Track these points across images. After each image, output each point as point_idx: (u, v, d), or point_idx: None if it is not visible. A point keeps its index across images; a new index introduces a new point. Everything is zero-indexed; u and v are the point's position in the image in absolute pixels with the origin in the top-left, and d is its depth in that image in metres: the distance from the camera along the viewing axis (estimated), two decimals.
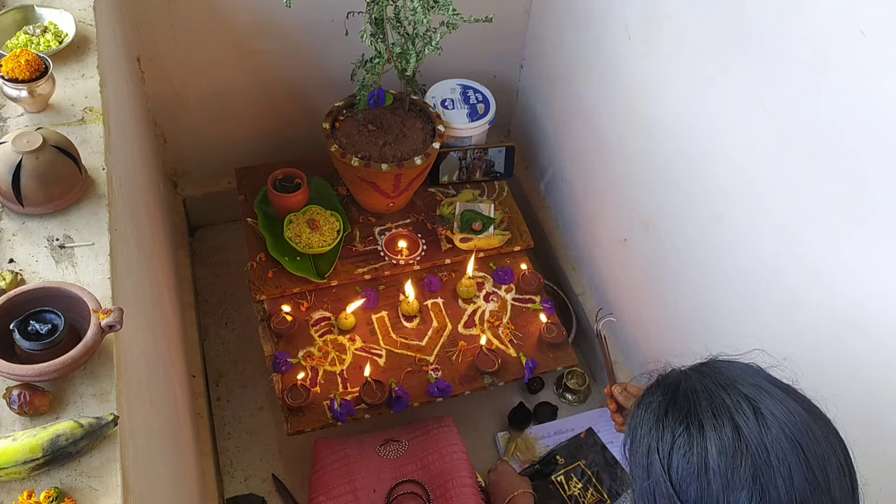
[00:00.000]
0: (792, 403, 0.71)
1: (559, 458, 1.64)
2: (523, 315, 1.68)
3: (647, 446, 0.74)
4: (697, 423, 0.71)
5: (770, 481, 0.67)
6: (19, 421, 0.80)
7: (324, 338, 1.59)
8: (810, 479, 0.67)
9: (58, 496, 0.74)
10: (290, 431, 1.47)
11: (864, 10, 0.91)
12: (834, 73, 0.98)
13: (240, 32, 1.69)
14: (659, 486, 0.71)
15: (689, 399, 0.73)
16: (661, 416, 0.74)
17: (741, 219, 1.23)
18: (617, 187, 1.63)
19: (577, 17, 1.66)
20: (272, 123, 1.91)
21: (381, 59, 1.51)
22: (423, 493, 1.50)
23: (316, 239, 1.63)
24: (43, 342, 0.81)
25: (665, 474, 0.71)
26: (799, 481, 0.67)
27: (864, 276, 1.00)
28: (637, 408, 0.78)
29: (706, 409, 0.71)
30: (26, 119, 1.07)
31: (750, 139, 1.17)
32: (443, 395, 1.54)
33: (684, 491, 0.69)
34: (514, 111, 2.10)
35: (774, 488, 0.67)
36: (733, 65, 1.18)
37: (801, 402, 0.73)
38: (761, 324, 1.23)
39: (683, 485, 0.69)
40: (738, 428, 0.69)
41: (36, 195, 0.95)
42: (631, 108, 1.51)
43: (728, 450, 0.68)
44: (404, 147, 1.65)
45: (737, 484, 0.67)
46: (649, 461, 0.73)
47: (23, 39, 1.15)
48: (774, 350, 0.82)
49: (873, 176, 0.95)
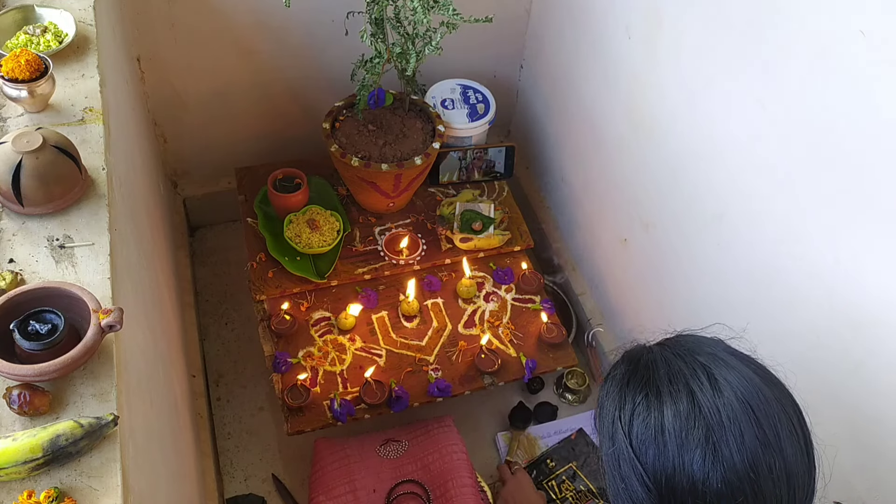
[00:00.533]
0: (745, 370, 0.75)
1: (550, 461, 1.64)
2: (523, 315, 1.68)
3: (612, 416, 0.78)
4: (655, 389, 0.75)
5: (722, 440, 0.70)
6: (19, 421, 0.80)
7: (324, 338, 1.59)
8: (761, 437, 0.70)
9: (58, 496, 0.74)
10: (290, 431, 1.47)
11: (864, 10, 0.91)
12: (834, 73, 0.98)
13: (240, 32, 1.69)
14: (622, 452, 0.75)
15: (649, 369, 0.77)
16: (623, 386, 0.78)
17: (741, 219, 1.23)
18: (617, 187, 1.63)
19: (577, 17, 1.66)
20: (272, 123, 1.91)
21: (381, 59, 1.52)
22: (423, 493, 1.50)
23: (316, 239, 1.63)
24: (43, 342, 0.81)
25: (626, 439, 0.75)
26: (750, 440, 0.70)
27: (864, 276, 1.00)
28: (604, 382, 0.82)
29: (663, 377, 0.75)
30: (26, 119, 1.07)
31: (750, 139, 1.17)
32: (443, 395, 1.54)
33: (644, 453, 0.73)
34: (514, 111, 2.10)
35: (727, 446, 0.70)
36: (733, 65, 1.18)
37: (755, 369, 0.76)
38: (761, 323, 1.23)
39: (643, 447, 0.73)
40: (692, 393, 0.73)
41: (36, 195, 0.95)
42: (631, 108, 1.51)
43: (682, 412, 0.72)
44: (404, 147, 1.65)
45: (691, 444, 0.71)
46: (613, 429, 0.77)
47: (23, 39, 1.15)
48: (776, 350, 0.82)
49: (873, 176, 0.95)
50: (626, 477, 0.75)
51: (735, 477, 0.69)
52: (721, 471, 0.70)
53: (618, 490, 0.77)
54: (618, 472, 0.76)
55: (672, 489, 0.71)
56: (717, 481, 0.70)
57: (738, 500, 0.70)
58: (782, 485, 0.70)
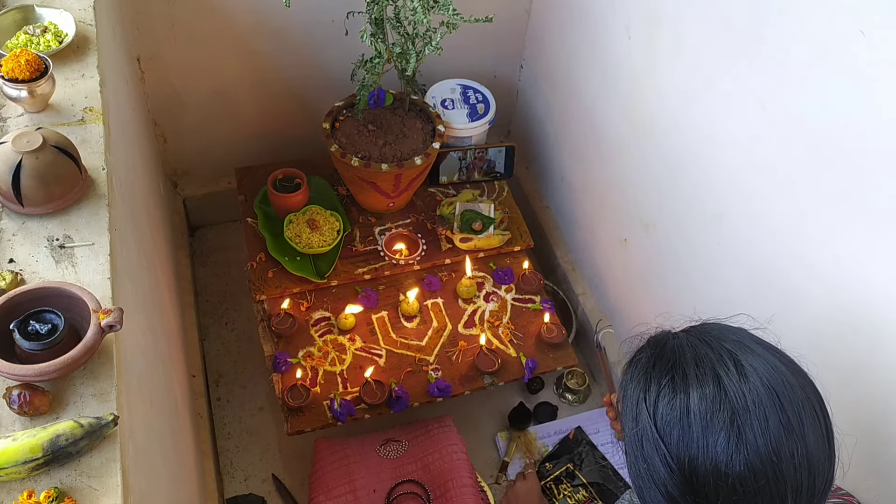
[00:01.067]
0: (771, 358, 0.76)
1: (548, 464, 1.64)
2: (523, 315, 1.68)
3: (637, 397, 0.78)
4: (682, 373, 0.76)
5: (746, 423, 0.71)
6: (19, 421, 0.80)
7: (324, 338, 1.59)
8: (785, 423, 0.71)
9: (58, 496, 0.74)
10: (290, 431, 1.47)
11: (864, 10, 0.91)
12: (834, 73, 0.98)
13: (240, 32, 1.69)
14: (646, 433, 0.76)
15: (675, 353, 0.78)
16: (648, 370, 0.79)
17: (741, 219, 1.23)
18: (617, 187, 1.63)
19: (577, 17, 1.66)
20: (272, 123, 1.91)
21: (381, 59, 1.52)
22: (423, 493, 1.50)
23: (316, 239, 1.63)
24: (43, 342, 0.81)
25: (651, 420, 0.75)
26: (774, 425, 0.71)
27: (864, 276, 1.00)
28: (628, 365, 0.83)
29: (690, 362, 0.76)
30: (26, 119, 1.07)
31: (750, 139, 1.17)
32: (443, 395, 1.54)
33: (668, 434, 0.74)
34: (514, 111, 2.10)
35: (751, 430, 0.71)
36: (733, 65, 1.18)
37: (780, 357, 0.77)
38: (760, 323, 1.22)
39: (667, 428, 0.74)
40: (718, 377, 0.74)
41: (36, 195, 0.95)
42: (631, 108, 1.51)
43: (708, 395, 0.73)
44: (404, 147, 1.65)
45: (716, 426, 0.72)
46: (637, 410, 0.78)
47: (23, 39, 1.15)
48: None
49: (873, 176, 0.95)
50: (649, 457, 0.76)
51: (758, 460, 0.70)
52: (744, 454, 0.70)
53: (639, 470, 0.78)
54: (640, 453, 0.77)
55: (695, 470, 0.72)
56: (740, 464, 0.70)
57: (759, 483, 0.70)
58: (803, 470, 0.71)
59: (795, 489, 0.71)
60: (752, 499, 0.71)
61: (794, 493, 0.71)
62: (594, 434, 1.70)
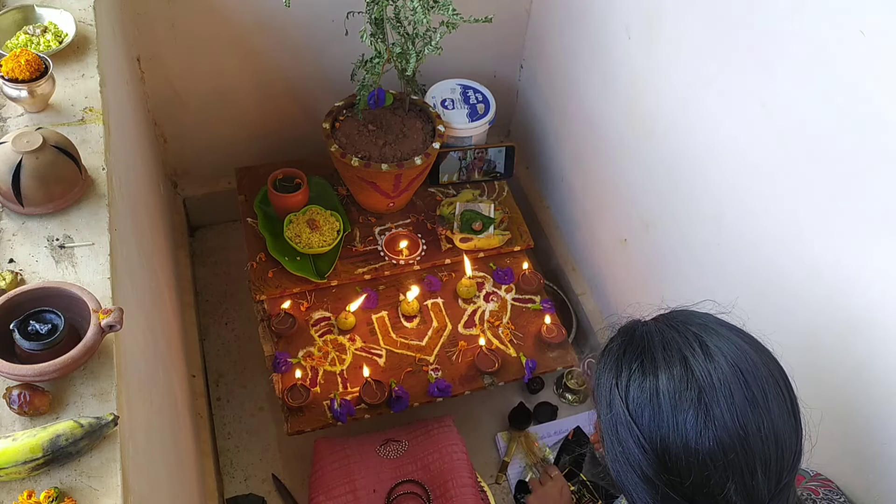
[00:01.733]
0: (735, 338, 0.79)
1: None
2: (523, 315, 1.68)
3: (609, 383, 0.81)
4: (650, 356, 0.79)
5: (713, 400, 0.74)
6: (19, 421, 0.80)
7: (324, 338, 1.59)
8: (749, 398, 0.74)
9: (58, 496, 0.74)
10: (290, 431, 1.47)
11: (864, 10, 0.91)
12: (834, 72, 0.98)
13: (240, 32, 1.69)
14: (619, 416, 0.79)
15: (643, 339, 0.81)
16: (619, 357, 0.82)
17: (741, 219, 1.23)
18: (617, 187, 1.63)
19: (577, 17, 1.66)
20: (272, 123, 1.91)
21: (381, 59, 1.52)
22: (423, 493, 1.50)
23: (316, 239, 1.63)
24: (43, 342, 0.81)
25: (623, 404, 0.78)
26: (739, 400, 0.74)
27: (864, 276, 1.00)
28: (601, 355, 0.86)
29: (657, 345, 0.79)
30: (26, 119, 1.07)
31: (750, 139, 1.17)
32: (443, 395, 1.54)
33: (639, 416, 0.77)
34: (514, 111, 2.10)
35: (717, 406, 0.74)
36: (733, 65, 1.18)
37: (744, 337, 0.80)
38: (760, 323, 1.22)
39: (639, 410, 0.77)
40: (685, 359, 0.77)
41: (36, 195, 0.95)
42: (631, 108, 1.51)
43: (676, 376, 0.76)
44: (404, 147, 1.65)
45: (684, 404, 0.75)
46: (611, 396, 0.80)
47: (23, 39, 1.15)
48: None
49: (874, 176, 0.95)
50: (624, 440, 0.78)
51: (726, 435, 0.73)
52: (712, 429, 0.73)
53: (615, 454, 0.80)
54: (615, 437, 0.80)
55: (666, 449, 0.75)
56: (710, 440, 0.73)
57: (728, 457, 0.73)
58: (770, 443, 0.74)
59: (764, 462, 0.74)
60: (723, 473, 0.73)
61: (763, 465, 0.74)
62: (592, 433, 1.70)
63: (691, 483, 0.74)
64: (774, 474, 0.74)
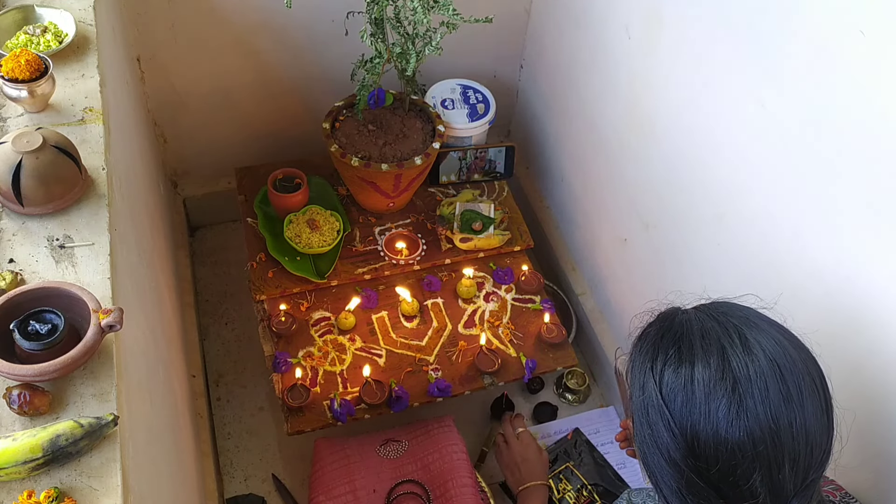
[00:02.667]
0: (776, 334, 0.79)
1: None
2: (523, 315, 1.68)
3: (644, 367, 0.81)
4: (688, 344, 0.79)
5: (748, 392, 0.74)
6: (19, 421, 0.80)
7: (324, 338, 1.59)
8: (784, 393, 0.74)
9: (58, 496, 0.74)
10: (290, 431, 1.47)
11: (864, 10, 0.91)
12: (834, 72, 0.98)
13: (240, 32, 1.69)
14: (651, 400, 0.79)
15: (682, 326, 0.81)
16: (656, 341, 0.82)
17: (741, 219, 1.23)
18: (617, 187, 1.63)
19: (577, 17, 1.66)
20: (272, 123, 1.91)
21: (381, 59, 1.52)
22: (423, 493, 1.50)
23: (316, 239, 1.63)
24: (43, 342, 0.81)
25: (657, 388, 0.79)
26: (774, 394, 0.74)
27: (864, 276, 1.00)
28: (637, 339, 0.86)
29: (696, 334, 0.79)
30: (26, 119, 1.07)
31: (750, 139, 1.17)
32: (443, 395, 1.54)
33: (672, 401, 0.77)
34: (514, 111, 2.10)
35: (751, 398, 0.74)
36: (733, 65, 1.18)
37: (784, 333, 0.80)
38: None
39: (671, 395, 0.77)
40: (723, 349, 0.77)
41: (36, 195, 0.95)
42: (631, 108, 1.51)
43: (712, 365, 0.76)
44: (404, 147, 1.65)
45: (718, 393, 0.75)
46: (644, 380, 0.81)
47: (23, 39, 1.15)
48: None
49: (874, 176, 0.95)
50: (654, 424, 0.79)
51: (757, 427, 0.73)
52: (744, 420, 0.73)
53: (644, 437, 0.80)
54: (646, 420, 0.80)
55: (696, 435, 0.75)
56: (740, 430, 0.73)
57: (758, 449, 0.73)
58: (801, 440, 0.74)
59: (793, 458, 0.74)
60: (751, 464, 0.73)
61: (792, 461, 0.74)
62: (593, 434, 1.70)
63: (718, 471, 0.75)
64: (802, 470, 0.74)
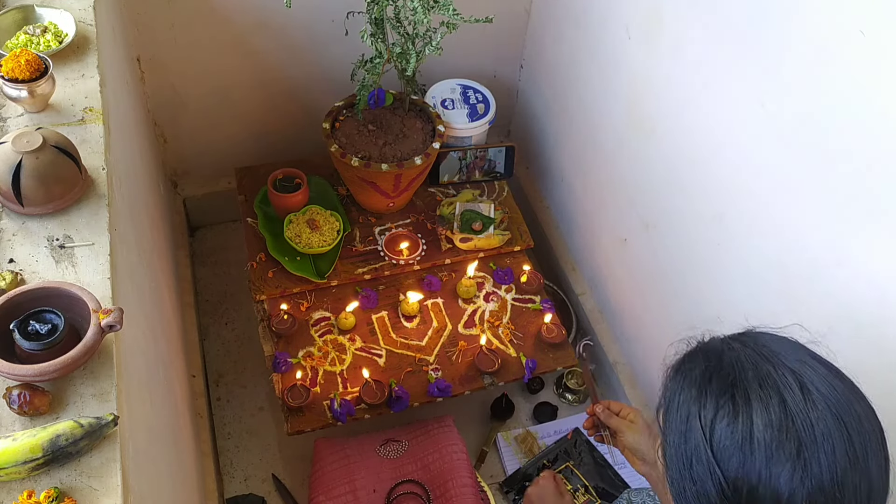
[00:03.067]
0: (835, 380, 0.72)
1: (546, 461, 1.64)
2: (523, 315, 1.68)
3: (688, 412, 0.74)
4: (743, 393, 0.71)
5: (814, 457, 0.68)
6: (19, 421, 0.80)
7: (324, 338, 1.59)
8: (851, 455, 0.68)
9: (58, 496, 0.74)
10: (290, 431, 1.47)
11: (864, 10, 0.91)
12: (834, 72, 0.98)
13: (240, 32, 1.69)
14: (699, 454, 0.72)
15: (734, 369, 0.74)
16: (703, 384, 0.74)
17: (741, 219, 1.23)
18: (617, 187, 1.63)
19: (577, 17, 1.66)
20: (272, 123, 1.91)
21: (381, 59, 1.52)
22: (423, 493, 1.50)
23: (316, 239, 1.63)
24: (43, 342, 0.81)
25: (707, 442, 0.71)
26: (841, 457, 0.68)
27: (864, 276, 1.00)
28: (676, 373, 0.79)
29: (752, 381, 0.72)
30: (26, 119, 1.07)
31: (750, 139, 1.17)
32: (443, 395, 1.54)
33: (725, 460, 0.70)
34: (514, 111, 2.10)
35: (817, 464, 0.68)
36: (733, 65, 1.18)
37: (843, 380, 0.74)
38: (761, 323, 1.22)
39: (725, 454, 0.70)
40: (784, 402, 0.70)
41: (36, 195, 0.95)
42: (631, 108, 1.51)
43: (775, 423, 0.69)
44: (404, 147, 1.65)
45: (781, 457, 0.68)
46: (688, 427, 0.74)
47: (23, 39, 1.15)
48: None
49: (874, 176, 0.95)
50: (700, 479, 0.72)
51: (821, 493, 0.68)
52: (809, 486, 0.68)
53: (683, 489, 0.74)
54: (689, 473, 0.74)
55: (753, 499, 0.69)
56: (803, 497, 0.68)
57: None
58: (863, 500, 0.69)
59: None
60: None
61: None
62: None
63: None
64: None
